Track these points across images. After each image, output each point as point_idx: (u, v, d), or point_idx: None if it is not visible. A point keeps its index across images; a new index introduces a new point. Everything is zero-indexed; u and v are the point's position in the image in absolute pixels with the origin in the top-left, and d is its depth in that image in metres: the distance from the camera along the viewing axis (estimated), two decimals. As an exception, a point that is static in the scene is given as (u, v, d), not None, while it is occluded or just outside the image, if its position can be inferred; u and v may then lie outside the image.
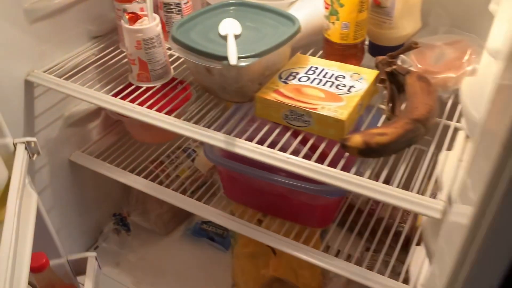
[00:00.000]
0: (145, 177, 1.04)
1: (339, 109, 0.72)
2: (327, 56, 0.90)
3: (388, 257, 1.09)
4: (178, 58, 0.97)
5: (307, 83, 0.78)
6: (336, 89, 0.76)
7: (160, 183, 1.04)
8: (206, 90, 0.85)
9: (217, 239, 1.22)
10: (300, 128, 0.75)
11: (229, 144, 0.74)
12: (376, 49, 0.92)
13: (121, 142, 1.16)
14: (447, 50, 0.86)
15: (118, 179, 1.04)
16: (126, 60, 0.97)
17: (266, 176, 0.81)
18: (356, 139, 0.67)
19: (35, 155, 0.73)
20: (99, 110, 1.12)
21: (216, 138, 0.75)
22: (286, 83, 0.78)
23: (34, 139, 0.73)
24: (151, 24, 0.83)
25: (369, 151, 0.67)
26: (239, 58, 0.72)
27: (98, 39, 1.04)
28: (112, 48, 1.01)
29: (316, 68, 0.82)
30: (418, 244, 0.90)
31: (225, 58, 0.72)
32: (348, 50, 0.87)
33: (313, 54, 0.91)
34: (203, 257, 1.21)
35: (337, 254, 0.85)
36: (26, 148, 0.71)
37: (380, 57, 0.84)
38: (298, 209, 0.88)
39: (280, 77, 0.80)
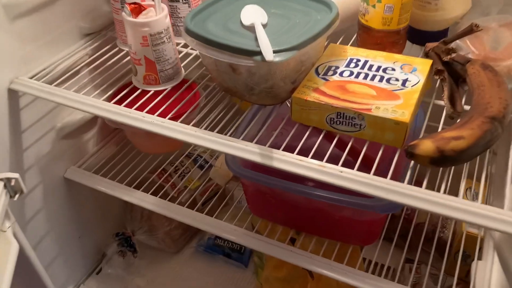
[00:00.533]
0: (153, 193, 0.91)
1: (397, 109, 0.59)
2: (363, 45, 0.77)
3: (433, 269, 0.98)
4: (186, 55, 0.84)
5: (352, 78, 0.65)
6: (388, 84, 0.64)
7: (171, 199, 0.91)
8: (227, 92, 0.71)
9: (234, 255, 1.09)
10: (349, 133, 0.62)
11: (266, 158, 0.60)
12: (418, 35, 0.80)
13: (122, 154, 1.02)
14: (505, 33, 0.73)
15: (122, 197, 0.90)
16: (126, 60, 0.83)
17: (307, 191, 0.68)
18: (427, 146, 0.54)
19: (17, 195, 0.59)
20: (95, 118, 0.97)
21: (249, 151, 0.62)
22: (326, 79, 0.66)
23: (16, 175, 0.58)
24: (159, 15, 0.69)
25: (443, 160, 0.55)
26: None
27: (91, 36, 0.90)
28: (108, 46, 0.87)
29: (358, 60, 0.69)
30: (479, 258, 0.78)
31: (257, 53, 0.59)
32: (389, 37, 0.75)
33: (343, 44, 0.78)
34: (220, 276, 1.08)
35: (392, 275, 0.73)
36: (5, 186, 0.57)
37: (431, 44, 0.72)
38: (340, 225, 0.75)
39: (317, 73, 0.67)
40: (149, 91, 0.74)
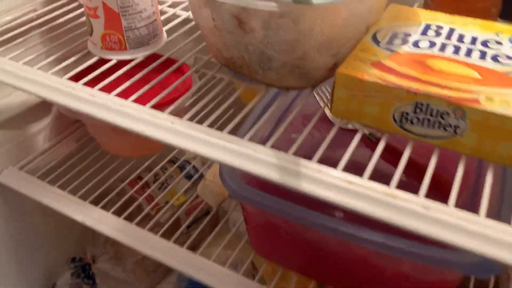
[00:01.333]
0: (121, 208, 0.66)
1: (526, 102, 0.34)
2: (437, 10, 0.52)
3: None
4: (172, 17, 0.59)
5: (434, 51, 0.40)
6: (497, 63, 0.38)
7: (145, 218, 0.66)
8: (229, 66, 0.46)
9: (225, 296, 0.83)
10: (433, 140, 0.37)
11: (289, 174, 0.35)
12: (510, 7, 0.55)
13: (82, 154, 0.76)
14: None
15: (72, 216, 0.64)
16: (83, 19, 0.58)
17: (350, 233, 0.42)
18: None
19: None
20: (47, 105, 0.72)
21: (260, 160, 0.36)
22: (392, 50, 0.40)
23: None
24: None
25: None
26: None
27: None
28: (63, 0, 0.62)
29: (440, 27, 0.43)
30: None
31: (284, -12, 0.34)
32: (475, 1, 0.50)
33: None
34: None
35: None
36: None
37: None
38: (389, 284, 0.49)
39: (375, 41, 0.42)
40: (109, 60, 0.49)
